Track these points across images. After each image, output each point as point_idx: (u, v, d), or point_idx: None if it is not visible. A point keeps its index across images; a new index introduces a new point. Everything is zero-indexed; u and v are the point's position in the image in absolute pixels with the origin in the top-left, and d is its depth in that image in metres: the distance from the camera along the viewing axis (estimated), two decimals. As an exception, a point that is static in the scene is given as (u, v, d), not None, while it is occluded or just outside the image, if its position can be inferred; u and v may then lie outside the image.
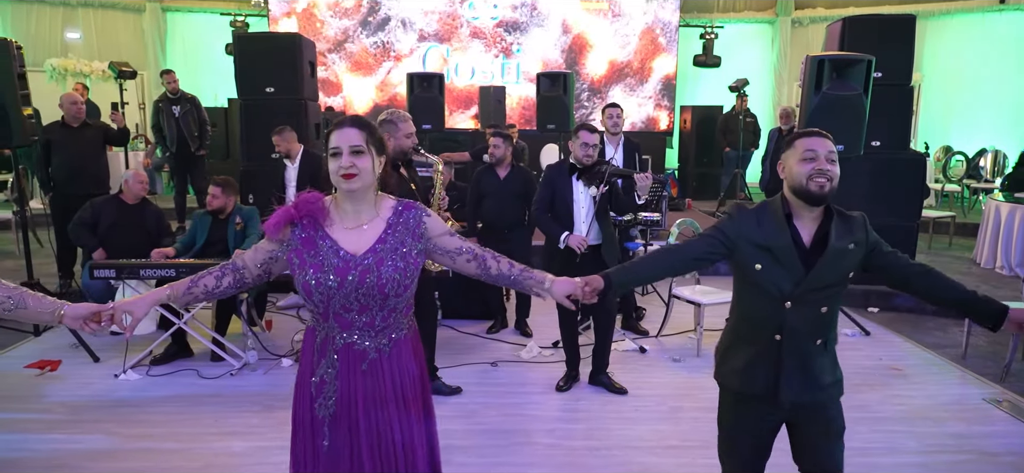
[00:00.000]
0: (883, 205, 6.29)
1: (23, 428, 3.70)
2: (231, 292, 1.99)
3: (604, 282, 2.10)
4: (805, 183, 2.01)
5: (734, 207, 2.20)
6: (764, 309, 2.12)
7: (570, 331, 4.31)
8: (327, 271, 1.85)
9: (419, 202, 2.06)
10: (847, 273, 2.11)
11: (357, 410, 1.93)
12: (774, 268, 2.07)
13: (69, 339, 4.85)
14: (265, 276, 2.00)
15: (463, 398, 4.15)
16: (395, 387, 1.97)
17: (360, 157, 1.86)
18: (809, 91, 5.15)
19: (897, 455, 3.53)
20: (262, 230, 1.95)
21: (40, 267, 5.18)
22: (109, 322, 1.89)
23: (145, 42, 12.19)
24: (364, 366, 1.93)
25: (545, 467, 3.38)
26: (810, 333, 2.11)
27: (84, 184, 5.91)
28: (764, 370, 2.14)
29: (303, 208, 1.90)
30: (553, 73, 8.12)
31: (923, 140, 11.62)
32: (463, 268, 2.05)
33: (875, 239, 2.15)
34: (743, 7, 12.96)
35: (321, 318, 1.93)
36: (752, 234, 2.10)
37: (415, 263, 1.94)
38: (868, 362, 4.83)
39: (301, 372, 2.01)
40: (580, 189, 4.08)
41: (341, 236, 1.91)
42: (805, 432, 2.21)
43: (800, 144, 2.06)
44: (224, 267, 1.97)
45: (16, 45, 4.74)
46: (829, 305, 2.11)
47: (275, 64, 6.47)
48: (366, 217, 1.93)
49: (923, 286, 2.16)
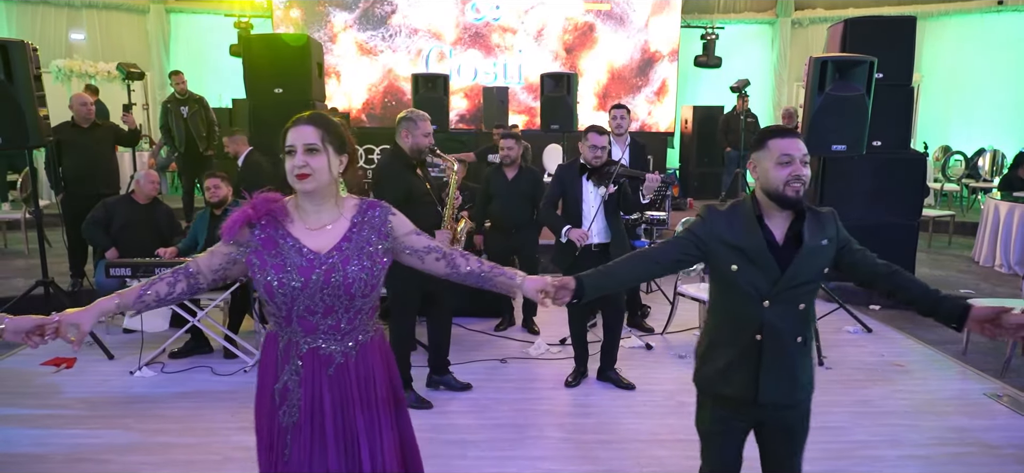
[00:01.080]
0: (884, 204, 6.38)
1: (44, 424, 3.77)
2: (185, 298, 1.90)
3: (576, 284, 2.08)
4: (782, 189, 2.01)
5: (705, 208, 2.20)
6: (743, 310, 2.11)
7: (579, 328, 4.38)
8: (290, 271, 1.79)
9: (385, 201, 2.00)
10: (822, 269, 2.13)
11: (324, 418, 1.86)
12: (749, 268, 2.07)
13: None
14: (221, 281, 1.92)
15: (475, 394, 4.23)
16: (362, 392, 1.90)
17: (315, 156, 1.79)
18: (812, 91, 5.22)
19: (900, 448, 3.60)
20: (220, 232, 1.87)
21: (49, 266, 5.25)
22: (53, 336, 1.75)
23: (149, 43, 12.24)
24: (330, 371, 1.87)
25: (558, 460, 3.45)
26: (791, 331, 2.11)
27: (95, 184, 5.98)
28: (744, 371, 2.13)
29: (261, 208, 1.83)
30: (557, 73, 8.19)
31: (922, 140, 11.70)
32: (432, 267, 1.99)
33: (846, 236, 2.17)
34: (743, 8, 13.03)
35: (284, 322, 1.85)
36: (724, 235, 2.10)
37: (381, 262, 1.89)
38: (871, 358, 4.91)
39: (261, 380, 1.93)
40: (589, 189, 4.16)
41: (304, 235, 1.84)
42: (772, 437, 2.22)
43: (775, 146, 2.04)
44: (177, 272, 1.88)
45: (32, 47, 4.81)
46: (806, 302, 2.12)
47: (283, 65, 6.54)
48: (329, 217, 1.87)
49: (890, 285, 2.16)
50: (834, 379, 4.51)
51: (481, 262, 2.04)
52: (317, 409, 1.86)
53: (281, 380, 1.88)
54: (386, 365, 2.01)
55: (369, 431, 1.91)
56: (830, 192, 6.13)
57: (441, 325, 4.20)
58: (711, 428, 2.26)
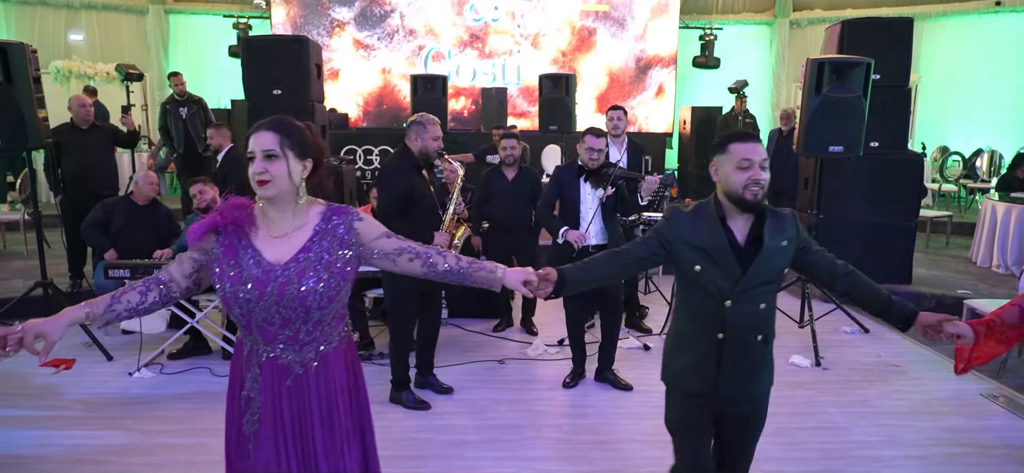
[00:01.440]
0: (881, 205, 6.40)
1: (43, 425, 3.78)
2: (158, 307, 1.86)
3: (558, 276, 2.14)
4: (741, 192, 2.07)
5: (671, 209, 2.25)
6: (706, 308, 2.17)
7: (577, 329, 4.40)
8: (245, 282, 1.76)
9: (351, 205, 1.97)
10: (782, 269, 2.20)
11: (284, 428, 1.84)
12: (712, 268, 2.13)
13: (82, 338, 4.92)
14: (195, 288, 1.89)
15: (472, 394, 4.24)
16: (321, 404, 1.87)
17: (274, 162, 1.76)
18: (809, 93, 5.24)
19: (898, 448, 3.62)
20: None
21: (48, 267, 5.27)
22: (16, 346, 1.67)
23: (148, 44, 12.25)
24: (289, 381, 1.84)
25: (554, 461, 3.47)
26: (752, 329, 2.17)
27: (94, 185, 6.00)
28: (707, 367, 2.20)
29: (228, 215, 1.80)
30: (555, 75, 8.21)
31: (920, 140, 11.73)
32: (407, 268, 1.95)
33: (805, 237, 2.25)
34: (742, 9, 13.06)
35: (245, 330, 1.85)
36: (688, 236, 2.16)
37: (343, 273, 1.83)
38: (868, 359, 4.92)
39: (231, 385, 1.93)
40: (587, 190, 4.18)
41: (265, 245, 1.81)
42: (732, 429, 2.29)
43: (735, 150, 2.09)
44: (148, 282, 1.84)
45: (32, 49, 4.82)
46: (767, 301, 2.18)
47: (282, 67, 6.54)
48: (292, 224, 1.84)
49: (846, 285, 2.28)
50: (832, 379, 4.53)
51: (458, 258, 2.00)
52: (278, 419, 1.83)
53: (246, 388, 1.86)
54: (352, 377, 1.97)
55: (329, 451, 1.87)
56: (827, 193, 6.15)
57: (433, 325, 4.21)
58: (682, 423, 2.34)
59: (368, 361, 4.68)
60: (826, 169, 6.02)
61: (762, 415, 2.30)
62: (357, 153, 9.71)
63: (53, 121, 6.11)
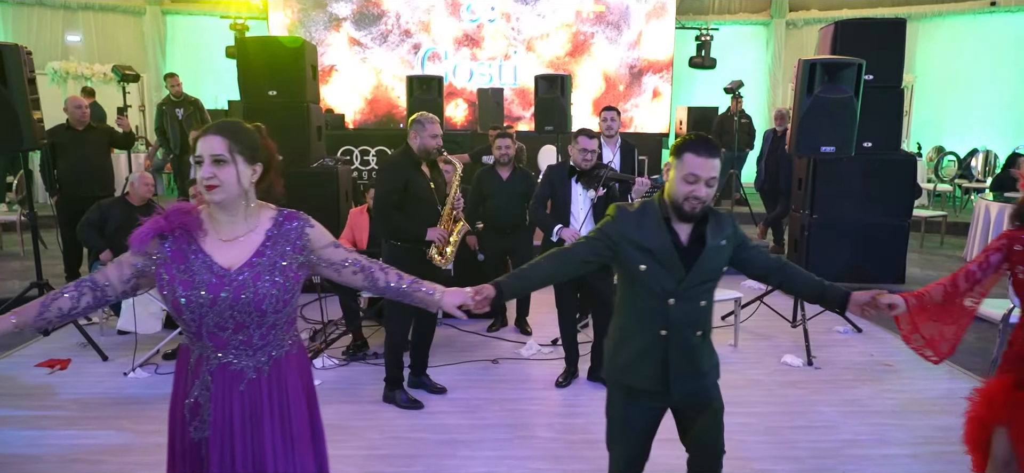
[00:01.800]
0: (875, 205, 6.44)
1: (39, 425, 3.80)
2: (91, 311, 1.82)
3: (495, 290, 2.14)
4: (681, 202, 2.13)
5: (615, 208, 2.27)
6: (649, 307, 2.22)
7: (569, 329, 4.42)
8: (198, 288, 1.74)
9: (302, 212, 1.94)
10: (721, 268, 2.27)
11: (233, 435, 1.81)
12: (657, 268, 2.17)
13: (78, 338, 4.94)
14: (132, 293, 1.86)
15: (466, 394, 4.26)
16: (273, 409, 1.85)
17: (222, 167, 1.74)
18: (801, 94, 5.26)
19: (887, 446, 3.65)
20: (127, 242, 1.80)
21: (44, 268, 5.29)
22: None
23: (145, 45, 12.28)
24: (242, 387, 1.82)
25: (547, 459, 3.49)
26: (691, 326, 2.24)
27: (90, 186, 6.03)
28: (652, 365, 2.24)
29: (174, 219, 1.77)
30: (551, 75, 8.22)
31: (916, 140, 11.77)
32: (349, 280, 1.95)
33: (742, 235, 2.32)
34: (738, 9, 13.10)
35: (194, 337, 1.81)
36: (633, 236, 2.19)
37: (295, 277, 1.84)
38: (860, 358, 4.94)
39: (174, 393, 1.89)
40: (578, 191, 4.20)
41: (216, 250, 1.79)
42: (690, 417, 2.35)
43: (687, 162, 2.11)
44: (81, 285, 1.79)
45: (26, 50, 4.84)
46: (706, 299, 2.25)
47: (277, 68, 6.56)
48: (242, 229, 1.82)
49: (780, 279, 2.38)
50: (823, 378, 4.56)
51: (400, 276, 2.01)
52: (227, 426, 1.81)
53: (192, 395, 1.83)
54: (304, 382, 1.96)
55: (282, 457, 1.85)
56: (821, 193, 6.18)
57: (428, 325, 4.23)
58: (618, 418, 2.39)
59: (362, 361, 4.70)
60: (820, 169, 6.05)
61: (717, 399, 2.36)
62: (354, 153, 9.73)
63: (50, 122, 6.14)
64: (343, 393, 4.23)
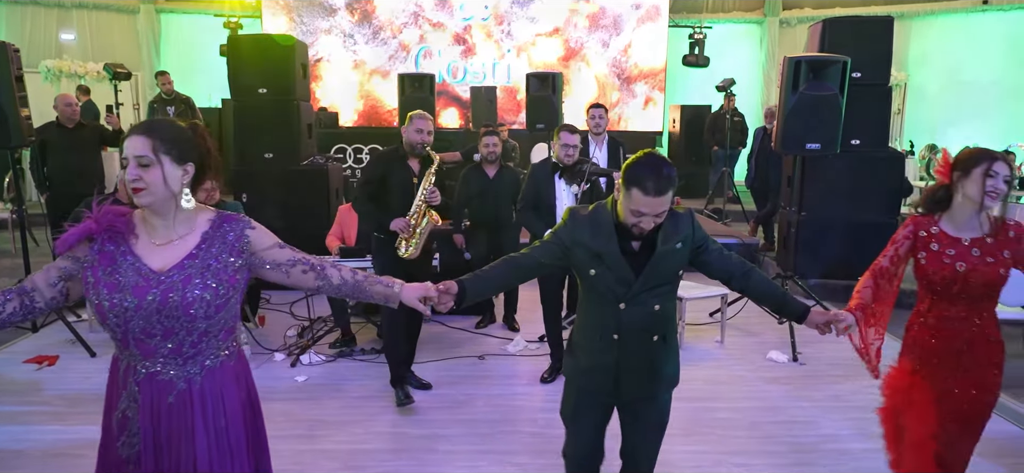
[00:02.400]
0: (863, 202, 6.45)
1: (24, 420, 3.82)
2: (17, 319, 1.72)
3: (458, 287, 2.15)
4: (629, 226, 2.12)
5: (570, 212, 2.27)
6: (602, 310, 2.23)
7: (555, 325, 4.45)
8: (123, 291, 1.65)
9: (243, 214, 1.88)
10: (676, 271, 2.24)
11: (161, 451, 1.73)
12: (606, 273, 2.17)
13: (66, 335, 4.96)
14: (61, 297, 1.74)
15: (451, 390, 4.28)
16: (207, 422, 1.75)
17: (148, 169, 1.66)
18: (787, 91, 5.29)
19: (867, 441, 3.65)
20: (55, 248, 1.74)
21: (34, 266, 5.30)
22: None
23: (139, 43, 12.28)
24: (170, 399, 1.72)
25: (527, 454, 3.52)
26: (647, 330, 2.23)
27: (80, 184, 6.03)
28: (605, 367, 2.25)
29: (104, 221, 1.69)
30: (542, 73, 8.25)
31: (909, 138, 11.80)
32: (300, 281, 1.87)
33: (702, 236, 2.26)
34: (732, 7, 13.12)
35: (121, 345, 1.72)
36: (585, 239, 2.19)
37: (232, 281, 1.75)
38: (845, 355, 4.93)
39: (105, 405, 1.81)
40: (562, 187, 4.23)
41: (147, 252, 1.71)
42: (633, 425, 2.36)
43: (635, 198, 2.04)
44: (8, 292, 1.72)
45: (13, 48, 4.86)
46: (661, 303, 2.22)
47: (268, 66, 6.58)
48: (178, 231, 1.74)
49: (743, 283, 2.32)
50: (807, 374, 4.58)
51: (354, 272, 1.95)
52: (157, 441, 1.73)
53: (119, 408, 1.75)
54: (245, 393, 1.87)
55: (219, 470, 1.77)
56: (809, 191, 6.20)
57: (415, 322, 4.25)
58: (573, 414, 2.42)
59: (349, 357, 4.72)
60: (808, 167, 6.08)
61: (663, 412, 2.37)
62: (347, 151, 9.75)
63: (43, 120, 6.16)
64: (329, 389, 4.26)
